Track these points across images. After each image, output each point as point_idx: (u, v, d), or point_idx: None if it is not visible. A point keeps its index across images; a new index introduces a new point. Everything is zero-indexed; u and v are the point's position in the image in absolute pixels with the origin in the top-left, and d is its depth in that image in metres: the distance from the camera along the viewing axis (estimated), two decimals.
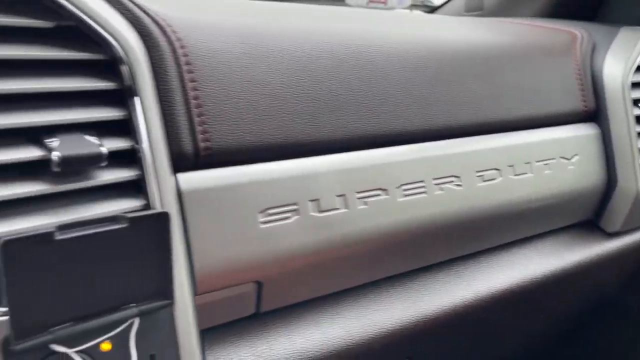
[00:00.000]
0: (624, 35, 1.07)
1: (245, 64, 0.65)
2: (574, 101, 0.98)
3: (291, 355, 0.66)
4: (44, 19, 0.49)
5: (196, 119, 0.60)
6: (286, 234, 0.63)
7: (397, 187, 0.72)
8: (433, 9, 1.34)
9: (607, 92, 1.00)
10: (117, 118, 0.52)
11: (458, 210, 0.77)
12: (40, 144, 0.48)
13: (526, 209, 0.88)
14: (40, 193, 0.46)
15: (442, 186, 0.76)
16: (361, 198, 0.69)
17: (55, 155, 0.46)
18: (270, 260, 0.63)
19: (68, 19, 0.50)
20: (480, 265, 0.85)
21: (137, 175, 0.52)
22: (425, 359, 0.93)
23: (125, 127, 0.53)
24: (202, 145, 0.60)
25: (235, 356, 0.63)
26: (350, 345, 0.70)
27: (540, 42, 0.98)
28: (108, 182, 0.50)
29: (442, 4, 1.31)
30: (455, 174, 0.77)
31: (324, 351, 0.68)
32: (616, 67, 1.01)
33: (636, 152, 0.99)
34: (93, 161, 0.49)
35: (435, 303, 0.77)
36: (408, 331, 0.74)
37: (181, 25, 0.63)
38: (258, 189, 0.62)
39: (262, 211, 0.62)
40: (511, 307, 0.93)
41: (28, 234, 0.41)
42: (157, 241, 0.48)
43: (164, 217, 0.48)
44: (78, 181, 0.49)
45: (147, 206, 0.52)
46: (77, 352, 0.46)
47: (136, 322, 0.49)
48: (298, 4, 1.02)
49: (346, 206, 0.68)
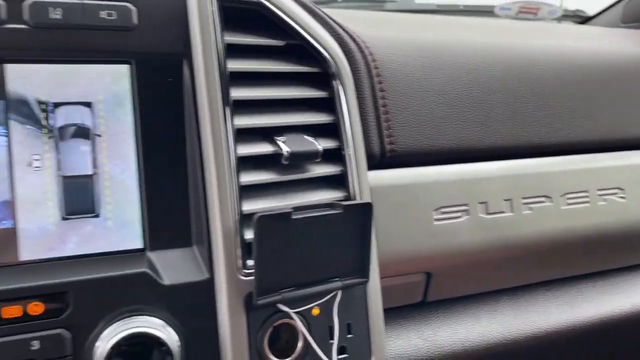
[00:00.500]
0: None
1: (425, 76, 0.72)
2: None
3: (454, 342, 0.72)
4: (277, 39, 0.60)
5: (384, 124, 0.68)
6: (457, 232, 0.69)
7: (561, 196, 0.75)
8: (585, 20, 1.33)
9: None
10: (327, 122, 0.61)
11: (620, 221, 0.78)
12: (271, 141, 0.58)
13: None
14: (273, 180, 0.57)
15: (606, 197, 0.77)
16: (526, 203, 0.73)
17: (285, 150, 0.57)
18: (441, 254, 0.69)
19: (296, 39, 0.60)
20: None
21: (341, 170, 0.61)
22: None
23: (331, 130, 0.62)
24: (388, 147, 0.68)
25: (404, 336, 0.71)
26: (507, 340, 0.74)
27: None
28: (321, 175, 0.60)
29: (596, 15, 1.29)
30: (619, 186, 0.79)
31: (483, 343, 0.73)
32: None
33: None
34: (311, 157, 0.58)
35: (592, 310, 0.78)
36: (563, 334, 0.77)
37: (372, 41, 0.71)
38: (434, 189, 0.69)
39: (437, 209, 0.69)
40: None
41: (274, 212, 0.51)
42: (362, 227, 0.57)
43: (369, 207, 0.57)
44: (299, 173, 0.59)
45: (347, 197, 0.61)
46: (296, 313, 0.56)
47: (339, 294, 0.58)
48: (460, 17, 1.07)
49: (512, 210, 0.73)
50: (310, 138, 0.60)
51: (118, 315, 0.50)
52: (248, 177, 0.56)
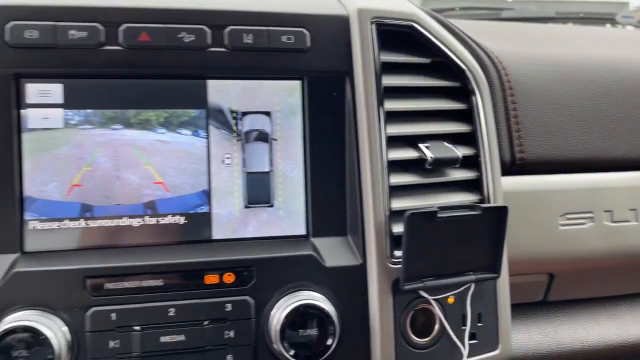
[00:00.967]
0: None
1: (555, 89, 0.77)
2: None
3: (573, 341, 0.76)
4: (423, 57, 0.68)
5: (514, 134, 0.74)
6: (581, 237, 0.74)
7: None
8: None
9: None
10: (465, 131, 0.68)
11: None
12: (416, 148, 0.66)
13: None
14: (418, 182, 0.65)
15: None
16: None
17: (429, 156, 0.65)
18: (564, 257, 0.74)
19: (440, 57, 0.68)
20: None
21: (477, 175, 0.68)
22: None
23: (468, 138, 0.69)
24: (518, 155, 0.74)
25: (525, 331, 0.76)
26: (626, 343, 0.77)
27: None
28: (459, 179, 0.67)
29: None
30: None
31: (602, 344, 0.77)
32: None
33: None
34: (452, 162, 0.66)
35: None
36: None
37: (505, 56, 0.77)
38: (560, 196, 0.74)
39: (562, 215, 0.74)
40: None
41: (422, 211, 0.59)
42: (497, 228, 0.63)
43: (505, 211, 0.63)
44: (440, 176, 0.66)
45: (482, 200, 0.68)
46: (434, 300, 0.63)
47: (472, 287, 0.65)
48: (581, 27, 1.09)
49: (637, 219, 0.75)
50: (450, 145, 0.67)
51: (289, 288, 0.61)
52: (396, 179, 0.64)
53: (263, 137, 0.64)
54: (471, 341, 0.65)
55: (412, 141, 0.67)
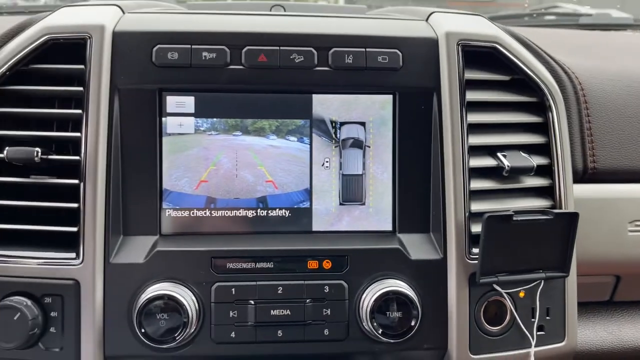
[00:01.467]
0: None
1: (628, 103, 0.82)
2: None
3: (636, 339, 0.81)
4: (503, 74, 0.75)
5: (588, 145, 0.80)
6: None
7: None
8: None
9: None
10: (540, 142, 0.75)
11: None
12: (494, 156, 0.74)
13: None
14: (495, 188, 0.73)
15: None
16: None
17: (507, 164, 0.72)
18: (632, 261, 0.79)
19: (519, 75, 0.75)
20: None
21: (550, 183, 0.75)
22: None
23: (543, 148, 0.75)
24: (590, 165, 0.79)
25: (591, 328, 0.82)
26: None
27: None
28: (534, 186, 0.74)
29: None
30: None
31: None
32: None
33: None
34: (527, 171, 0.73)
35: None
36: None
37: (580, 71, 0.83)
38: (630, 203, 0.79)
39: (631, 222, 0.79)
40: None
41: (499, 214, 0.67)
42: (567, 232, 0.70)
43: (576, 216, 0.69)
44: (515, 183, 0.73)
45: (554, 206, 0.74)
46: (507, 293, 0.71)
47: (542, 283, 0.72)
48: None
49: None
50: (526, 155, 0.74)
51: (378, 276, 0.70)
52: (476, 184, 0.72)
53: (358, 144, 0.74)
54: (539, 332, 0.72)
55: (491, 150, 0.74)
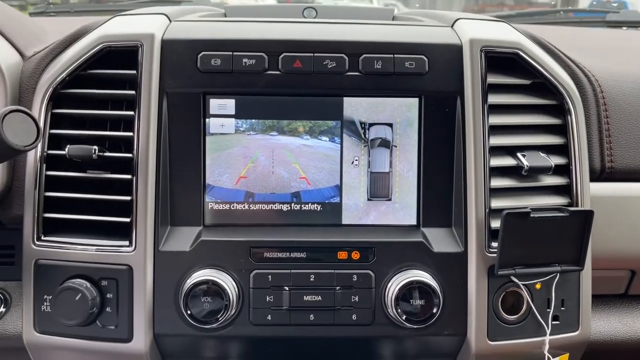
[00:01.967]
0: None
1: None
2: None
3: None
4: (524, 79, 0.79)
5: (606, 145, 0.83)
6: None
7: None
8: None
9: None
10: (559, 143, 0.79)
11: None
12: (514, 156, 0.78)
13: None
14: (514, 186, 0.77)
15: None
16: None
17: (526, 164, 0.76)
18: None
19: (539, 79, 0.79)
20: None
21: (567, 182, 0.79)
22: None
23: (560, 149, 0.79)
24: (608, 165, 0.83)
25: (605, 319, 0.86)
26: None
27: None
28: (551, 184, 0.78)
29: None
30: None
31: None
32: None
33: None
34: (545, 170, 0.77)
35: None
36: None
37: (600, 74, 0.86)
38: None
39: None
40: None
41: (517, 211, 0.72)
42: (582, 228, 0.74)
43: (590, 214, 0.74)
44: (534, 181, 0.78)
45: (571, 203, 0.78)
46: (523, 285, 0.76)
47: (557, 276, 0.76)
48: None
49: None
50: (544, 155, 0.78)
51: (402, 267, 0.76)
52: (496, 182, 0.77)
53: (385, 144, 0.79)
54: (554, 322, 0.77)
55: (511, 150, 0.79)
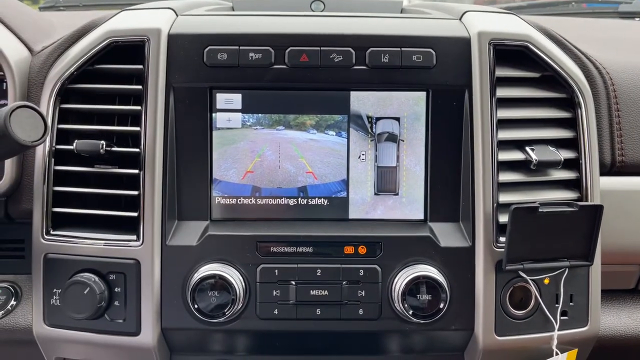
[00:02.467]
0: None
1: None
2: None
3: None
4: (533, 72, 0.78)
5: (616, 139, 0.82)
6: None
7: None
8: None
9: None
10: (568, 137, 0.78)
11: None
12: (522, 150, 0.77)
13: None
14: (523, 180, 0.76)
15: None
16: None
17: (535, 158, 0.76)
18: None
19: (549, 71, 0.78)
20: None
21: (577, 176, 0.78)
22: None
23: (570, 142, 0.78)
24: (619, 158, 0.82)
25: (615, 314, 0.86)
26: None
27: None
28: (560, 179, 0.77)
29: None
30: None
31: None
32: None
33: None
34: (554, 164, 0.76)
35: None
36: None
37: (611, 66, 0.85)
38: None
39: None
40: None
41: (526, 206, 0.71)
42: (591, 223, 0.73)
43: (600, 209, 0.73)
44: (543, 176, 0.77)
45: (580, 198, 0.78)
46: (531, 280, 0.75)
47: (566, 271, 0.76)
48: None
49: None
50: (553, 149, 0.77)
51: (409, 262, 0.76)
52: (504, 177, 0.76)
53: (392, 138, 0.79)
54: (562, 317, 0.77)
55: (520, 144, 0.78)
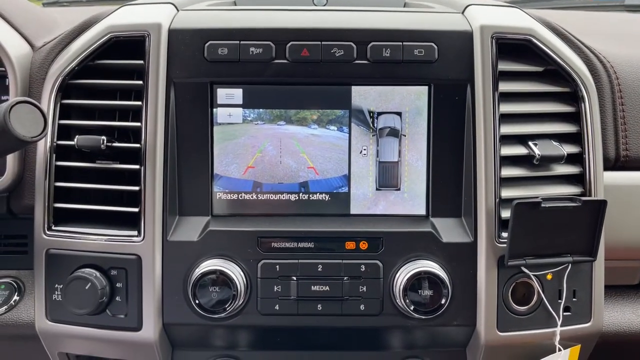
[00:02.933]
0: None
1: None
2: None
3: None
4: (536, 66, 0.77)
5: (621, 133, 0.82)
6: None
7: None
8: None
9: None
10: (572, 131, 0.77)
11: None
12: (525, 145, 0.77)
13: None
14: (525, 175, 0.76)
15: None
16: None
17: (537, 153, 0.75)
18: None
19: (552, 65, 0.77)
20: None
21: (580, 171, 0.77)
22: None
23: (574, 137, 0.78)
24: (623, 153, 0.81)
25: (619, 310, 0.85)
26: None
27: None
28: (564, 173, 0.77)
29: None
30: None
31: None
32: None
33: None
34: (557, 159, 0.76)
35: None
36: None
37: (616, 60, 0.84)
38: None
39: None
40: None
41: (528, 201, 0.71)
42: (594, 218, 0.73)
43: (604, 204, 0.72)
44: (546, 171, 0.76)
45: (584, 193, 0.77)
46: (534, 276, 0.75)
47: (569, 267, 0.75)
48: None
49: None
50: (557, 144, 0.77)
51: (411, 257, 0.75)
52: (507, 172, 0.76)
53: (394, 133, 0.78)
54: (565, 313, 0.76)
55: (523, 139, 0.77)
